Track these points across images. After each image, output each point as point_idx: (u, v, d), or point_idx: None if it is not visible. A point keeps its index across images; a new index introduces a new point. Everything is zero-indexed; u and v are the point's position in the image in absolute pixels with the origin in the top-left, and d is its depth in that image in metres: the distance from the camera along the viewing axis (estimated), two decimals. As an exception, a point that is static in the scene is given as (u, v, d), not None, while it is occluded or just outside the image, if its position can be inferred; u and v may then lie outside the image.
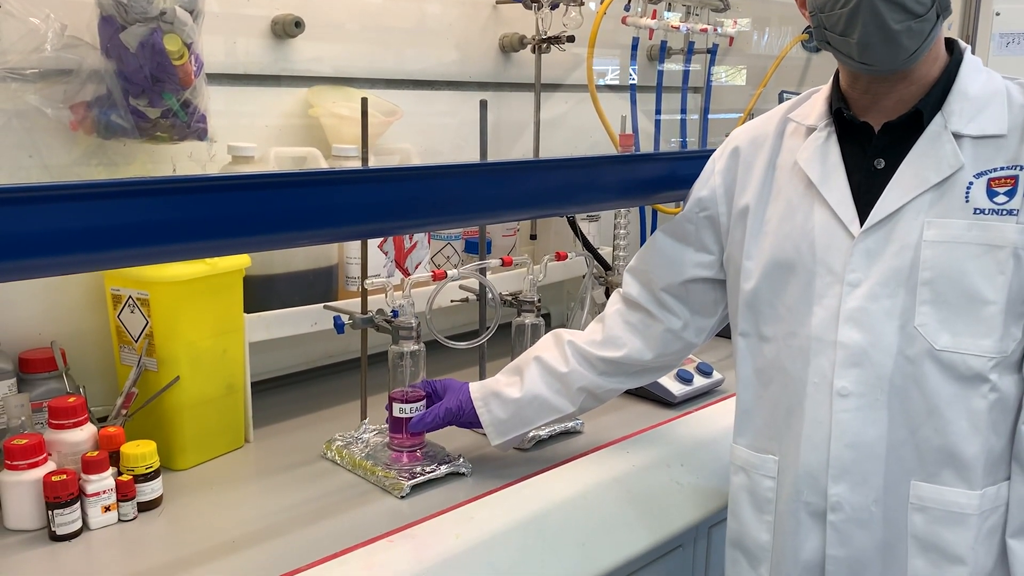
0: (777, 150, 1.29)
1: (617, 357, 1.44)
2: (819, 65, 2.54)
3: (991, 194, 1.10)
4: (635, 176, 1.47)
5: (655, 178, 1.49)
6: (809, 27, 2.58)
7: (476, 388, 1.47)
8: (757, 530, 1.29)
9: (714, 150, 1.41)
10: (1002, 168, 1.11)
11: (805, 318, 1.20)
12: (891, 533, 1.17)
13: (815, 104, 1.27)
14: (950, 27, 2.30)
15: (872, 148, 1.18)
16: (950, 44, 1.19)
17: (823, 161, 1.22)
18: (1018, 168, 1.10)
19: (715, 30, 2.29)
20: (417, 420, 1.44)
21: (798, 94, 2.34)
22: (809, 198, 1.22)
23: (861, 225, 1.16)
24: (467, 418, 1.46)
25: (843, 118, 1.21)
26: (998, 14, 2.18)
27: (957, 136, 1.12)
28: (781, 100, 2.28)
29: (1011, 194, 1.10)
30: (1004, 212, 1.09)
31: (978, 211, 1.10)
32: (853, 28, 1.10)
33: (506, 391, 1.45)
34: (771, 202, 1.27)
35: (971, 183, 1.11)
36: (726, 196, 1.33)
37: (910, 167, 1.14)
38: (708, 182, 1.37)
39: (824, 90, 1.27)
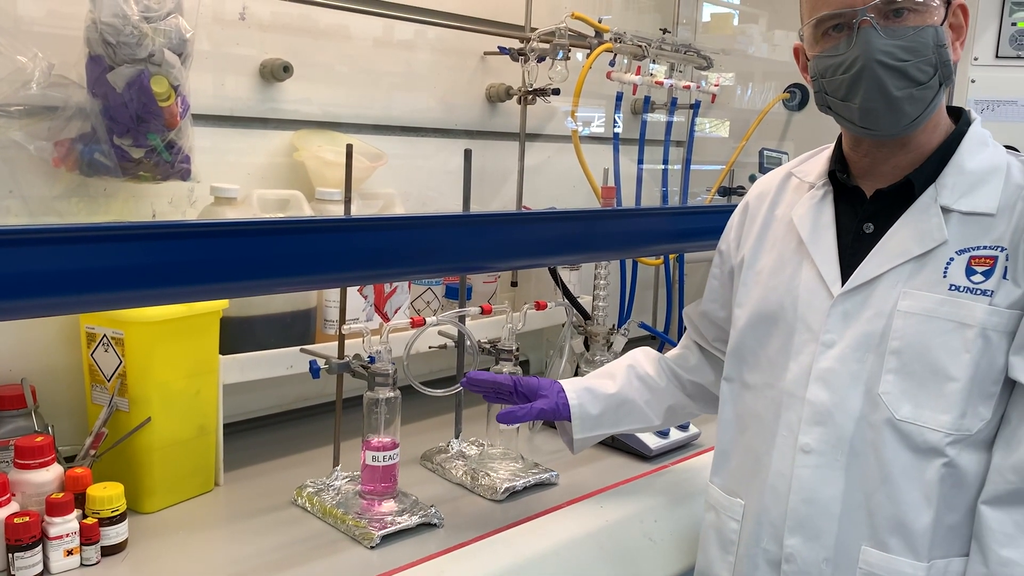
0: (776, 202, 1.32)
1: (706, 383, 1.50)
2: (799, 123, 2.58)
3: (969, 272, 1.11)
4: (613, 231, 1.48)
5: (632, 233, 1.51)
6: (790, 86, 2.65)
7: (568, 385, 1.47)
8: (720, 568, 1.31)
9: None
10: (985, 247, 1.11)
11: (781, 372, 1.23)
12: None
13: (818, 162, 1.30)
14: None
15: (863, 212, 1.20)
16: (957, 113, 1.20)
17: (815, 220, 1.24)
18: (999, 249, 1.10)
19: (698, 87, 2.33)
20: (507, 413, 1.42)
21: (778, 151, 2.39)
22: (799, 255, 1.24)
23: (843, 287, 1.18)
24: (558, 416, 1.45)
25: (838, 179, 1.24)
26: (973, 81, 2.24)
27: (946, 210, 1.13)
28: (761, 156, 2.32)
29: (988, 274, 1.10)
30: (978, 292, 1.09)
31: (953, 288, 1.11)
32: (855, 94, 1.12)
33: (599, 387, 1.47)
34: (765, 253, 1.30)
35: (952, 259, 1.12)
36: (738, 250, 1.37)
37: (895, 236, 1.16)
38: (726, 236, 1.41)
39: (829, 149, 1.30)
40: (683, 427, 1.85)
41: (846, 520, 1.16)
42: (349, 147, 1.45)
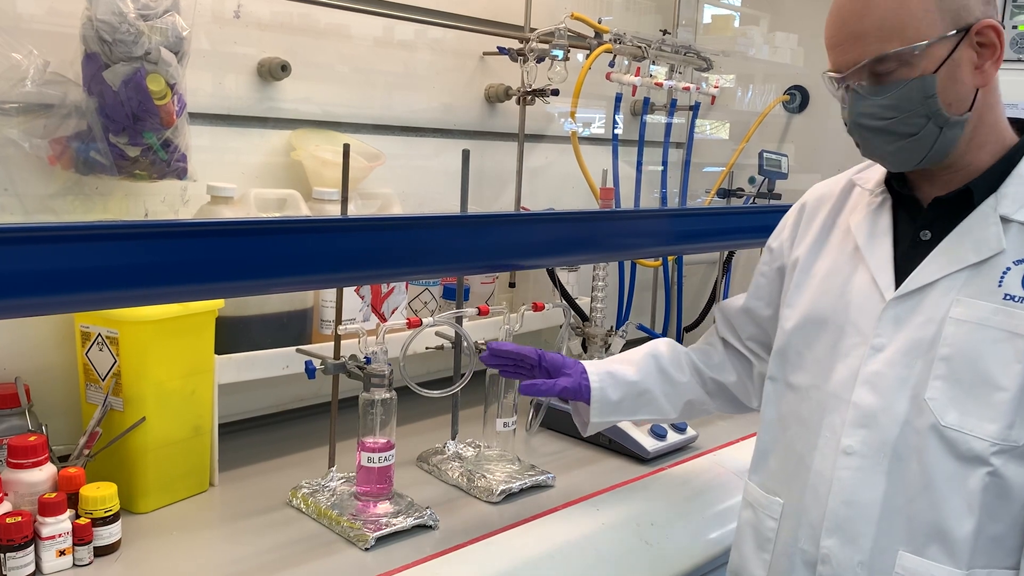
0: (839, 209, 1.31)
1: (728, 383, 1.51)
2: (799, 125, 2.58)
3: None
4: (611, 232, 1.48)
5: (631, 234, 1.50)
6: (790, 88, 2.63)
7: (591, 367, 1.50)
8: (755, 566, 1.31)
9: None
10: None
11: (828, 374, 1.22)
12: None
13: (877, 170, 1.29)
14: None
15: (921, 219, 1.19)
16: (1021, 124, 1.19)
17: (872, 226, 1.24)
18: None
19: (697, 88, 2.32)
20: (530, 385, 1.45)
21: (778, 152, 2.39)
22: (855, 260, 1.24)
23: (896, 291, 1.17)
24: (579, 396, 1.48)
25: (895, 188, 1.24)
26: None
27: (1005, 220, 1.12)
28: (761, 158, 2.31)
29: None
30: None
31: (1008, 297, 1.09)
32: (861, 146, 1.17)
33: (621, 373, 1.49)
34: (821, 257, 1.30)
35: (1008, 268, 1.10)
36: (792, 249, 1.36)
37: (952, 243, 1.15)
38: (779, 235, 1.41)
39: None
40: (680, 430, 1.84)
41: (885, 524, 1.15)
42: (346, 147, 1.44)
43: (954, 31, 1.08)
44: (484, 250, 1.34)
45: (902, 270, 1.18)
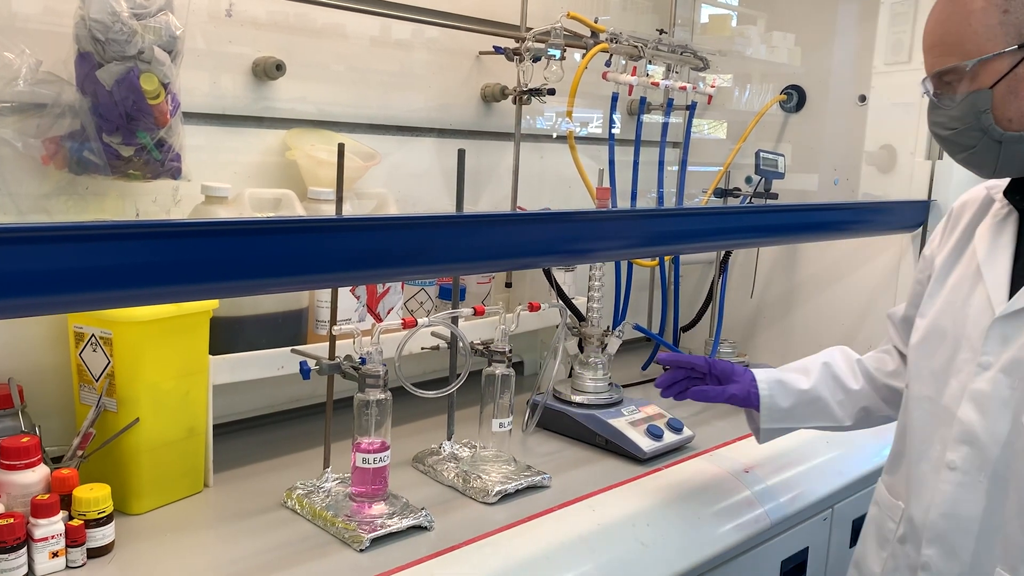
0: (978, 219, 1.29)
1: (902, 389, 1.47)
2: (796, 124, 2.58)
3: None
4: (608, 232, 1.47)
5: (627, 234, 1.50)
6: (787, 88, 2.63)
7: (761, 375, 1.52)
8: (873, 562, 1.34)
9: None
10: None
11: (943, 387, 1.22)
12: None
13: (1006, 180, 1.27)
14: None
15: None
16: None
17: (995, 238, 1.22)
18: None
19: (694, 88, 2.32)
20: (700, 391, 1.49)
21: (775, 152, 2.38)
22: (977, 274, 1.23)
23: (1004, 308, 1.16)
24: (748, 404, 1.49)
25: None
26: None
27: None
28: (758, 158, 2.31)
29: None
30: None
31: None
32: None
33: (792, 381, 1.49)
34: (954, 269, 1.28)
35: None
36: (936, 257, 1.35)
37: None
38: (931, 243, 1.40)
39: None
40: (677, 429, 1.84)
41: (984, 541, 1.15)
42: (341, 146, 1.44)
43: (1016, 46, 1.07)
44: (480, 250, 1.33)
45: (1020, 286, 1.16)
